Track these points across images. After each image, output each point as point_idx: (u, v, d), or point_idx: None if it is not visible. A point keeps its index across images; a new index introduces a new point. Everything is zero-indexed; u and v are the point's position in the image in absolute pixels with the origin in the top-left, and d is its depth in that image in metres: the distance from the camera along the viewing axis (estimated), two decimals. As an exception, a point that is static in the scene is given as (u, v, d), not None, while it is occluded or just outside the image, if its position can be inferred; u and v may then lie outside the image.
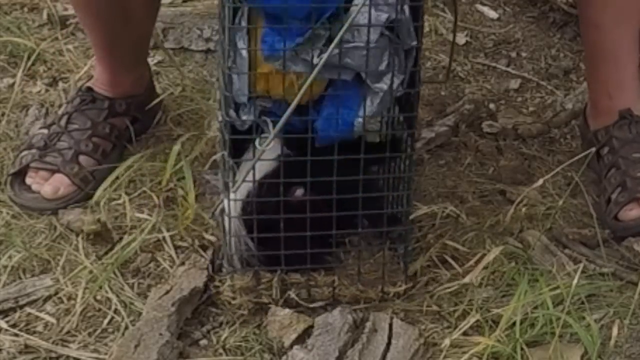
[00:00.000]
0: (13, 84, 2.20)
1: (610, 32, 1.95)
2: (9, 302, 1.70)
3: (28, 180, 1.91)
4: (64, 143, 1.95)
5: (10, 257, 1.78)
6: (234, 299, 1.68)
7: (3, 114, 2.11)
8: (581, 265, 1.75)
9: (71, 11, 2.40)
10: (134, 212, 1.87)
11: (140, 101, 2.04)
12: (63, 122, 1.98)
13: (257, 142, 1.59)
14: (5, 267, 1.76)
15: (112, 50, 1.99)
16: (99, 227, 1.82)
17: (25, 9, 2.44)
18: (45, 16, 2.41)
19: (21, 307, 1.70)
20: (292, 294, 1.68)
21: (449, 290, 1.73)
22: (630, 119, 1.96)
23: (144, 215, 1.86)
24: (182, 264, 1.74)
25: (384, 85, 1.60)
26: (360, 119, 1.61)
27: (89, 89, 2.02)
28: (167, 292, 1.67)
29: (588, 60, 2.06)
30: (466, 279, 1.72)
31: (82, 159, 1.94)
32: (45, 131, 1.98)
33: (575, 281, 1.65)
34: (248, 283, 1.68)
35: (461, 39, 2.43)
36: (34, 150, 1.94)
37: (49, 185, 1.90)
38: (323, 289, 1.70)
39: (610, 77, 1.99)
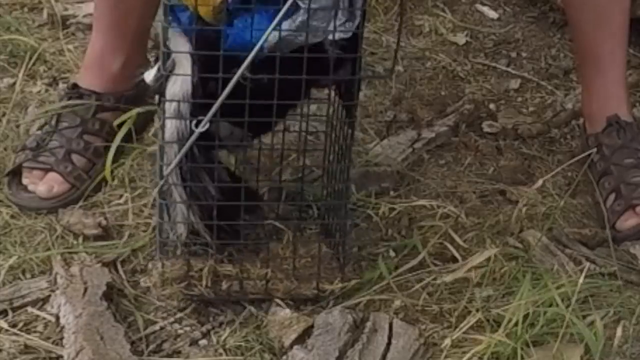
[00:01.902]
0: (13, 83, 2.20)
1: (589, 34, 1.95)
2: (3, 303, 1.70)
3: (24, 181, 1.92)
4: (55, 142, 1.95)
5: (9, 257, 1.78)
6: (164, 289, 1.67)
7: (3, 114, 2.11)
8: (586, 265, 1.75)
9: (72, 11, 2.40)
10: (134, 212, 1.87)
11: (130, 97, 2.02)
12: (53, 121, 1.99)
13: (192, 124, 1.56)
14: (4, 267, 1.76)
15: (112, 8, 1.97)
16: (100, 231, 1.82)
17: (26, 9, 2.44)
18: (45, 16, 2.41)
19: (14, 309, 1.70)
20: (224, 285, 1.67)
21: (449, 290, 1.73)
22: (617, 126, 1.96)
23: (145, 214, 1.86)
24: (66, 264, 1.75)
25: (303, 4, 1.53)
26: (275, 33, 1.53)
27: (75, 85, 2.02)
28: (85, 290, 1.68)
29: (576, 64, 2.07)
30: (455, 275, 1.71)
31: (75, 157, 1.94)
32: (39, 132, 1.99)
33: (581, 280, 1.65)
34: (178, 272, 1.66)
35: (461, 39, 2.43)
36: (27, 151, 1.95)
37: (43, 184, 1.90)
38: (256, 282, 1.67)
39: (593, 82, 1.99)
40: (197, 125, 1.55)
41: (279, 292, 1.68)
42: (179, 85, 1.58)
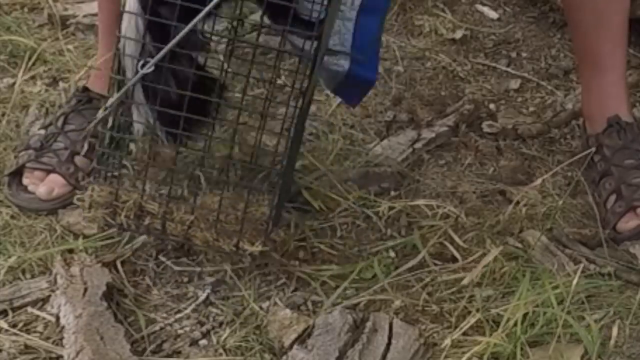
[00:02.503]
0: (13, 84, 2.20)
1: (589, 34, 1.96)
2: (3, 303, 1.70)
3: (25, 181, 1.92)
4: (60, 144, 1.95)
5: (8, 257, 1.78)
6: (89, 211, 1.68)
7: (3, 114, 2.11)
8: (581, 265, 1.75)
9: (71, 11, 2.40)
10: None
11: None
12: (60, 122, 1.98)
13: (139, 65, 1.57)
14: (4, 267, 1.76)
15: (119, 22, 1.98)
16: (99, 231, 1.82)
17: (26, 9, 2.44)
18: (45, 16, 2.41)
19: (14, 309, 1.70)
20: (147, 221, 1.67)
21: (449, 290, 1.73)
22: (618, 126, 1.96)
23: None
24: (66, 264, 1.75)
25: None
26: None
27: (85, 88, 2.02)
28: (85, 290, 1.68)
29: (576, 65, 2.07)
30: (465, 281, 1.72)
31: (78, 159, 1.94)
32: (43, 132, 1.98)
33: (575, 281, 1.65)
34: (105, 199, 1.67)
35: (458, 33, 2.44)
36: (30, 151, 1.94)
37: (44, 185, 1.90)
38: (177, 225, 1.67)
39: (593, 82, 1.99)
40: (142, 67, 1.56)
41: (197, 239, 1.67)
42: (126, 22, 1.61)
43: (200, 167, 1.71)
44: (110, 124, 1.68)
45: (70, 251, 1.79)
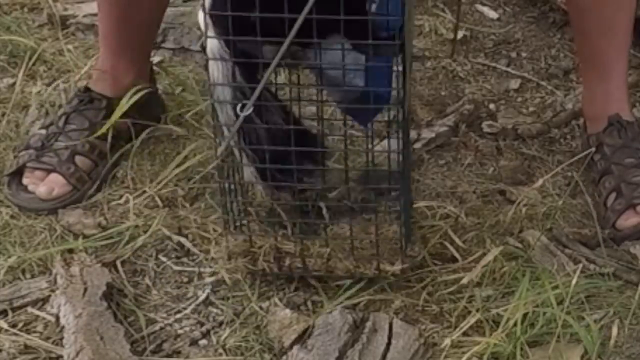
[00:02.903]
0: (13, 84, 2.20)
1: (595, 39, 1.95)
2: (3, 303, 1.70)
3: (25, 181, 1.92)
4: (60, 143, 1.95)
5: (8, 257, 1.78)
6: (229, 262, 1.68)
7: (3, 114, 2.11)
8: (580, 265, 1.75)
9: (71, 11, 2.40)
10: (134, 212, 1.87)
11: (140, 101, 2.02)
12: (61, 122, 1.98)
13: (237, 109, 1.57)
14: (4, 267, 1.76)
15: (120, 26, 1.98)
16: (99, 231, 1.82)
17: (26, 9, 2.44)
18: (45, 16, 2.41)
19: (14, 309, 1.70)
20: (287, 261, 1.68)
21: (449, 290, 1.73)
22: (618, 125, 1.96)
23: (145, 214, 1.86)
24: (66, 264, 1.75)
25: None
26: None
27: (87, 88, 2.02)
28: (85, 290, 1.68)
29: (579, 66, 2.07)
30: (464, 280, 1.72)
31: (78, 159, 1.94)
32: (44, 132, 1.98)
33: (574, 281, 1.65)
34: (241, 247, 1.67)
35: (459, 33, 2.43)
36: (31, 151, 1.94)
37: (44, 185, 1.90)
38: (317, 260, 1.68)
39: (597, 85, 1.99)
40: (242, 110, 1.55)
41: (339, 270, 1.69)
42: (215, 69, 1.59)
43: (320, 199, 1.74)
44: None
45: (70, 251, 1.79)
